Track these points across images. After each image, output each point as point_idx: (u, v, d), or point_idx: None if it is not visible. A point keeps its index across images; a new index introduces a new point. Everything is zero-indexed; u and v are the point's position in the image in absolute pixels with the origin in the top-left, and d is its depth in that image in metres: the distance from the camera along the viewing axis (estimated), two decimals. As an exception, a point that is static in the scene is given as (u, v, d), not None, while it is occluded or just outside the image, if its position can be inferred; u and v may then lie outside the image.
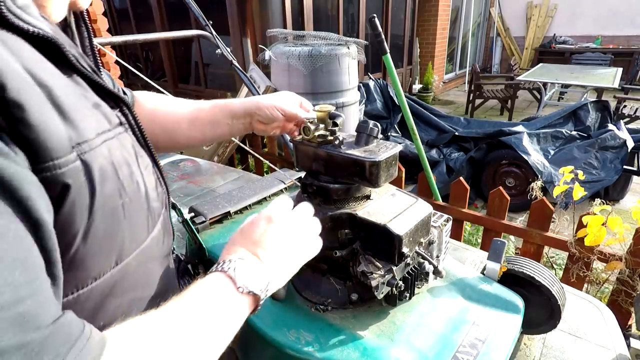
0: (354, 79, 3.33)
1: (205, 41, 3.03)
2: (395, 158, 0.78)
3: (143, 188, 0.50)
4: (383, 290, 0.77)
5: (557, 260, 2.26)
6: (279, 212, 0.57)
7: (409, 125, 2.09)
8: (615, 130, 3.16)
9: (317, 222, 0.62)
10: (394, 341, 0.79)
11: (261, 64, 3.42)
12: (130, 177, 0.48)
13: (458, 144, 3.80)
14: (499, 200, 1.95)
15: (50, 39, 0.39)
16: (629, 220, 1.60)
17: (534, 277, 0.96)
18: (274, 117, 0.82)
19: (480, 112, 6.64)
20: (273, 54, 3.15)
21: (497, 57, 10.43)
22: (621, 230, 1.51)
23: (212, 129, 0.85)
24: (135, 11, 5.92)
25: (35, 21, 0.38)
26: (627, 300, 1.61)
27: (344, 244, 0.82)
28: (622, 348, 1.05)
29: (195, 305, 0.45)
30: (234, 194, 1.28)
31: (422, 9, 7.45)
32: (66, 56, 0.41)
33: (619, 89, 5.75)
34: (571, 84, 5.58)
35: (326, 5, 5.27)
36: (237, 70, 1.78)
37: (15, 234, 0.30)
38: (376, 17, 1.68)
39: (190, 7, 1.57)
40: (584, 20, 9.43)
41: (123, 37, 1.61)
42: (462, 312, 0.88)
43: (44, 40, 0.38)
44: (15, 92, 0.32)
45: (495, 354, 0.78)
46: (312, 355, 0.75)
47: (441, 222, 0.92)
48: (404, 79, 7.50)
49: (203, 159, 2.26)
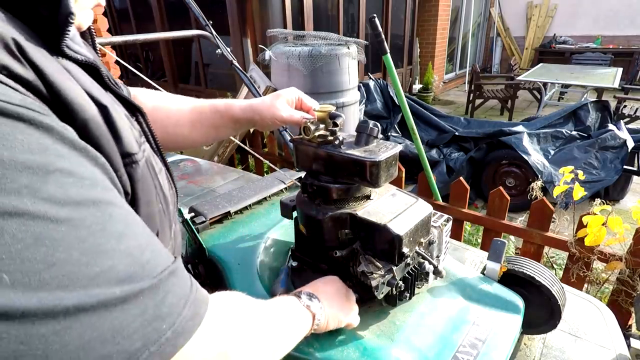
0: (354, 79, 3.33)
1: (205, 41, 3.04)
2: (395, 158, 0.78)
3: (160, 192, 0.53)
4: (383, 290, 0.77)
5: (557, 260, 2.26)
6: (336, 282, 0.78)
7: (409, 125, 2.09)
8: (616, 130, 3.16)
9: (356, 306, 0.80)
10: (394, 341, 0.79)
11: (261, 64, 3.42)
12: (153, 183, 0.51)
13: (458, 144, 3.80)
14: (499, 200, 1.95)
15: (92, 64, 0.43)
16: (629, 220, 1.60)
17: (534, 277, 0.96)
18: (274, 125, 0.83)
19: (480, 112, 6.64)
20: (273, 54, 3.15)
21: (497, 57, 10.43)
22: (621, 230, 1.51)
23: (215, 132, 0.85)
24: (135, 11, 5.92)
25: (80, 49, 0.43)
26: (627, 300, 1.61)
27: (344, 244, 0.82)
28: (622, 348, 1.05)
29: (276, 307, 0.58)
30: (234, 194, 1.28)
31: (422, 9, 7.45)
32: (102, 76, 0.46)
33: (619, 89, 5.75)
34: (571, 84, 5.59)
35: (326, 5, 5.27)
36: (237, 70, 1.78)
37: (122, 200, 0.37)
38: (376, 17, 1.68)
39: (190, 7, 1.57)
40: (584, 20, 9.44)
41: (123, 37, 1.61)
42: (462, 312, 0.88)
43: (88, 65, 0.43)
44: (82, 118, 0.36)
45: (495, 354, 0.78)
46: (312, 355, 0.75)
47: (441, 222, 0.92)
48: (404, 79, 7.51)
49: (203, 159, 2.26)
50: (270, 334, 0.51)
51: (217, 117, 0.82)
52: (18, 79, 0.31)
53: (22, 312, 0.24)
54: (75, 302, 0.27)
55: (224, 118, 0.83)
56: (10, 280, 0.24)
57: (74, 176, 0.31)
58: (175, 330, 0.34)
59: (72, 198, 0.29)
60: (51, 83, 0.34)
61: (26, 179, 0.27)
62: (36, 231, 0.26)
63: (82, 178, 0.31)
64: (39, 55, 0.34)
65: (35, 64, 0.33)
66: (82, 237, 0.29)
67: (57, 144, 0.30)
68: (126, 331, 0.30)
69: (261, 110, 0.81)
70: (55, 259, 0.27)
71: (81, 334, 0.27)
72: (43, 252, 0.26)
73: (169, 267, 0.36)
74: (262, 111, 0.81)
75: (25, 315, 0.24)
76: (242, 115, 0.82)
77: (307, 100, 0.86)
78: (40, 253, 0.26)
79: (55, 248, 0.27)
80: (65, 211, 0.28)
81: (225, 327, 0.42)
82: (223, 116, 0.83)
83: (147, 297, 0.32)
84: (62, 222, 0.28)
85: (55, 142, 0.30)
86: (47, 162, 0.29)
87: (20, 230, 0.25)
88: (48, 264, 0.26)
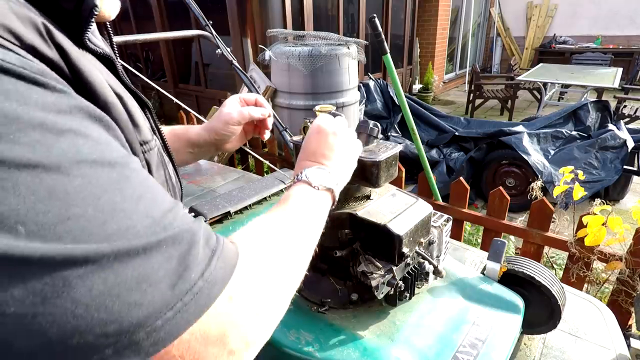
0: (354, 79, 3.33)
1: (205, 41, 3.03)
2: (395, 158, 0.78)
3: (170, 183, 0.55)
4: (383, 290, 0.77)
5: (557, 260, 2.26)
6: (325, 125, 0.65)
7: (409, 125, 2.09)
8: (616, 130, 3.16)
9: (352, 131, 0.70)
10: (394, 341, 0.79)
11: (261, 64, 3.42)
12: (164, 173, 0.53)
13: (458, 144, 3.80)
14: (499, 200, 1.95)
15: (108, 56, 0.45)
16: (629, 220, 1.60)
17: (534, 277, 0.96)
18: (234, 132, 0.81)
19: (480, 112, 6.64)
20: (273, 54, 3.15)
21: (497, 57, 10.43)
22: (621, 230, 1.51)
23: (177, 155, 0.82)
24: (135, 11, 5.92)
25: (98, 42, 0.44)
26: (627, 300, 1.61)
27: (344, 243, 0.82)
28: (622, 348, 1.05)
29: (291, 207, 0.53)
30: (234, 194, 1.28)
31: (422, 9, 7.45)
32: (117, 69, 0.47)
33: (619, 89, 5.75)
34: (571, 84, 5.58)
35: (326, 5, 5.27)
36: (237, 70, 1.78)
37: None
38: (376, 17, 1.68)
39: (190, 7, 1.57)
40: (584, 20, 9.44)
41: (123, 37, 1.61)
42: (462, 312, 0.88)
43: (105, 57, 0.45)
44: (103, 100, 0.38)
45: (495, 354, 0.78)
46: (312, 355, 0.75)
47: (441, 222, 0.92)
48: (404, 79, 7.50)
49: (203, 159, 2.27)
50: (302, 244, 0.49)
51: (175, 139, 0.81)
52: (42, 58, 0.32)
53: (39, 258, 0.25)
54: (94, 251, 0.27)
55: (180, 141, 0.82)
56: (25, 231, 0.25)
57: (88, 138, 0.31)
58: (207, 280, 0.33)
59: (86, 156, 0.29)
60: (73, 65, 0.35)
61: (39, 134, 0.27)
62: (50, 184, 0.26)
63: (97, 142, 0.32)
64: (65, 41, 0.35)
65: (61, 46, 0.34)
66: (97, 194, 0.29)
67: (73, 109, 0.31)
68: (152, 279, 0.29)
69: (212, 125, 0.81)
70: (70, 213, 0.27)
71: (105, 280, 0.27)
72: (57, 206, 0.26)
73: (192, 224, 0.35)
74: (214, 126, 0.80)
75: (44, 261, 0.25)
76: (197, 138, 0.81)
77: (248, 96, 0.84)
78: (54, 207, 0.26)
79: (69, 202, 0.27)
80: (80, 168, 0.29)
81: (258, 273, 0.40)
82: (180, 138, 0.82)
83: (170, 246, 0.32)
84: (76, 177, 0.28)
85: (70, 107, 0.31)
86: (61, 122, 0.29)
87: (34, 182, 0.26)
88: (62, 217, 0.26)
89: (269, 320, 0.40)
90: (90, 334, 0.26)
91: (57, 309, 0.25)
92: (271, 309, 0.41)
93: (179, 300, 0.31)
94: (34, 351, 0.25)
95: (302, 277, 0.49)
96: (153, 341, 0.29)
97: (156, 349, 0.30)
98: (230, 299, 0.35)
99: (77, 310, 0.26)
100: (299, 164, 0.63)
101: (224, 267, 0.35)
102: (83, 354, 0.27)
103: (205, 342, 0.33)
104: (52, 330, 0.25)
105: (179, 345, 0.31)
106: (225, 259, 0.36)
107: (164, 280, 0.30)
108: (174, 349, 0.31)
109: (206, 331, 0.33)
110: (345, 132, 0.66)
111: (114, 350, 0.28)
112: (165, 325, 0.30)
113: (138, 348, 0.29)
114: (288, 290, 0.45)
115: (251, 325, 0.37)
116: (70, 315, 0.26)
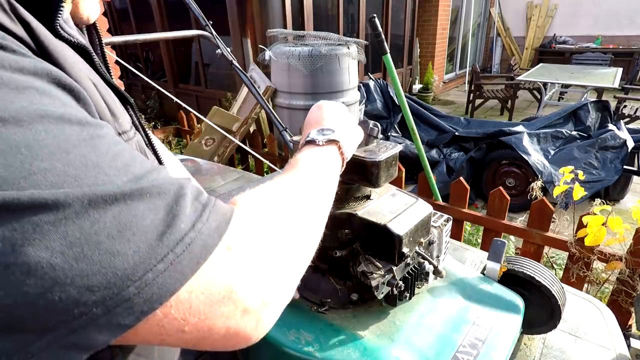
0: (354, 79, 3.33)
1: (205, 41, 3.04)
2: (395, 158, 0.78)
3: None
4: (383, 290, 0.77)
5: (557, 260, 2.26)
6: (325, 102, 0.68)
7: (409, 125, 2.09)
8: (616, 130, 3.16)
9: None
10: (394, 341, 0.79)
11: (261, 64, 3.42)
12: None
13: (458, 144, 3.80)
14: (499, 200, 1.95)
15: (84, 46, 0.44)
16: (629, 220, 1.60)
17: (534, 277, 0.96)
18: None
19: (480, 112, 6.64)
20: (273, 54, 3.15)
21: (497, 57, 10.43)
22: (621, 230, 1.51)
23: None
24: (135, 11, 5.92)
25: (73, 32, 0.43)
26: (627, 300, 1.61)
27: (344, 243, 0.82)
28: (622, 348, 1.05)
29: (295, 165, 0.51)
30: (234, 194, 1.28)
31: (422, 9, 7.44)
32: (94, 61, 0.46)
33: (619, 89, 5.75)
34: (571, 84, 5.58)
35: (326, 5, 5.27)
36: (237, 70, 1.78)
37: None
38: (376, 17, 1.68)
39: (190, 7, 1.57)
40: (584, 20, 9.43)
41: (123, 37, 1.61)
42: (462, 312, 0.88)
43: (80, 48, 0.43)
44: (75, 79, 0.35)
45: (496, 354, 0.78)
46: (312, 355, 0.75)
47: (441, 222, 0.92)
48: (404, 79, 7.50)
49: (203, 159, 2.26)
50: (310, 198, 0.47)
51: None
52: (3, 29, 0.30)
53: (2, 201, 0.23)
54: (64, 193, 0.25)
55: None
56: None
57: (54, 98, 0.29)
58: (200, 231, 0.30)
59: (51, 112, 0.27)
60: (41, 42, 0.33)
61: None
62: (8, 138, 0.25)
63: (64, 103, 0.30)
64: (32, 20, 0.33)
65: (26, 21, 0.32)
66: (65, 149, 0.27)
67: (39, 70, 0.29)
68: (136, 227, 0.27)
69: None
70: (35, 167, 0.25)
71: (80, 226, 0.25)
72: (19, 160, 0.25)
73: (179, 179, 0.33)
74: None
75: (8, 204, 0.23)
76: None
77: None
78: (16, 160, 0.25)
79: (33, 156, 0.25)
80: (43, 122, 0.27)
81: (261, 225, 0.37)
82: None
83: (155, 197, 0.29)
84: (39, 132, 0.26)
85: (35, 68, 0.29)
86: (22, 79, 0.27)
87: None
88: (27, 171, 0.25)
89: (284, 277, 0.37)
90: (72, 287, 0.24)
91: (30, 258, 0.23)
92: (284, 264, 0.37)
93: (169, 251, 0.28)
94: (15, 308, 0.24)
95: (320, 233, 0.46)
96: (146, 297, 0.27)
97: (151, 307, 0.27)
98: (230, 249, 0.32)
99: (54, 259, 0.24)
100: (303, 135, 0.63)
101: (218, 219, 0.33)
102: (68, 311, 0.25)
103: (209, 301, 0.30)
104: (29, 281, 0.23)
105: (179, 306, 0.29)
106: (218, 212, 0.33)
107: (150, 230, 0.28)
108: (173, 310, 0.29)
109: (208, 287, 0.30)
110: (345, 109, 0.68)
111: (104, 308, 0.26)
112: (158, 278, 0.27)
113: (130, 305, 0.26)
114: (302, 244, 0.42)
115: (262, 281, 0.34)
116: (46, 264, 0.24)
